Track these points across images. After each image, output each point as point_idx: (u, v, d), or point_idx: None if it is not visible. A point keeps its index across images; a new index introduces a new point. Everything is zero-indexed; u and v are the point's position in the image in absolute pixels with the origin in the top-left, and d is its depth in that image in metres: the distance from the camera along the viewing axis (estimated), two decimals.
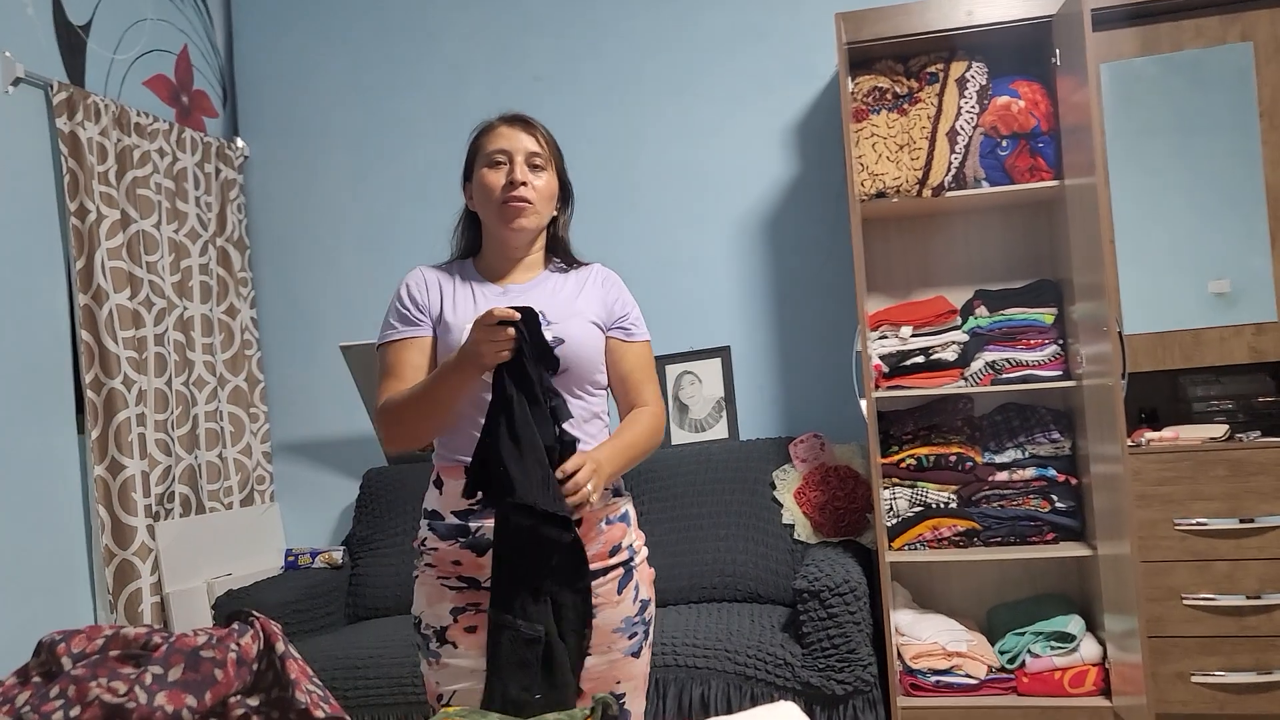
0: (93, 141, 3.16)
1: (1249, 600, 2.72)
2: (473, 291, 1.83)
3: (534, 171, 1.82)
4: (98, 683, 1.00)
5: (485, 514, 1.70)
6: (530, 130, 1.84)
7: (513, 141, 1.82)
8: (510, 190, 1.79)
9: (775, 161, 3.52)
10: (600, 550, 1.76)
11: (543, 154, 1.83)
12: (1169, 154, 2.91)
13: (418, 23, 3.86)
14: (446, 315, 1.80)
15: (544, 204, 1.84)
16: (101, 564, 3.10)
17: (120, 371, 3.13)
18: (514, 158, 1.81)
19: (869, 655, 2.64)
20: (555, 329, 1.74)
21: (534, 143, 1.83)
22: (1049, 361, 2.96)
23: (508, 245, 1.86)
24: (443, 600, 1.76)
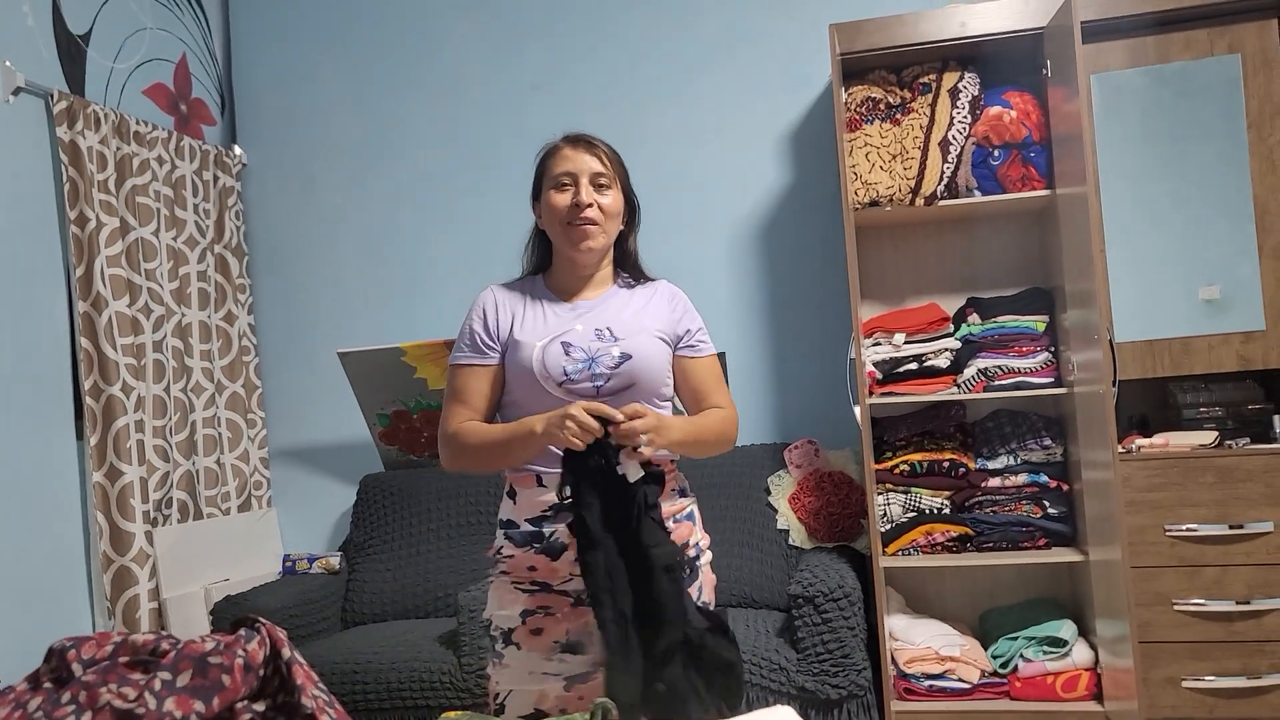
0: (92, 150, 3.18)
1: (1238, 606, 2.75)
2: (543, 309, 1.89)
3: (599, 191, 1.87)
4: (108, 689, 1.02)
5: (559, 518, 1.77)
6: (593, 150, 1.88)
7: (577, 163, 1.87)
8: (576, 212, 1.84)
9: (770, 169, 3.55)
10: None
11: (607, 173, 1.88)
12: (1158, 164, 2.95)
13: (415, 31, 3.88)
14: (516, 334, 1.85)
15: (610, 223, 1.89)
16: (100, 570, 3.12)
17: (119, 378, 3.15)
18: (579, 179, 1.86)
19: (863, 660, 2.66)
20: (622, 344, 1.82)
21: (598, 163, 1.87)
22: (1041, 368, 2.99)
23: (576, 264, 1.91)
24: (515, 603, 1.82)
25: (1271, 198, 2.86)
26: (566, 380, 1.79)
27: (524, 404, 1.83)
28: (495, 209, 3.76)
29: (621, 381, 1.81)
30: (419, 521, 3.51)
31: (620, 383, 1.81)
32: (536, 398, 1.80)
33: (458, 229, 3.82)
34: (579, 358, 1.81)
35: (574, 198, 1.85)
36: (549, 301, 1.91)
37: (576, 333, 1.84)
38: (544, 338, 1.83)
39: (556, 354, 1.81)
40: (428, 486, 3.56)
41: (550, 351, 1.81)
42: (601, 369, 1.80)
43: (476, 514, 3.45)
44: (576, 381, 1.79)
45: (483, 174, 3.80)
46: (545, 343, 1.82)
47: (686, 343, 1.94)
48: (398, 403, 3.61)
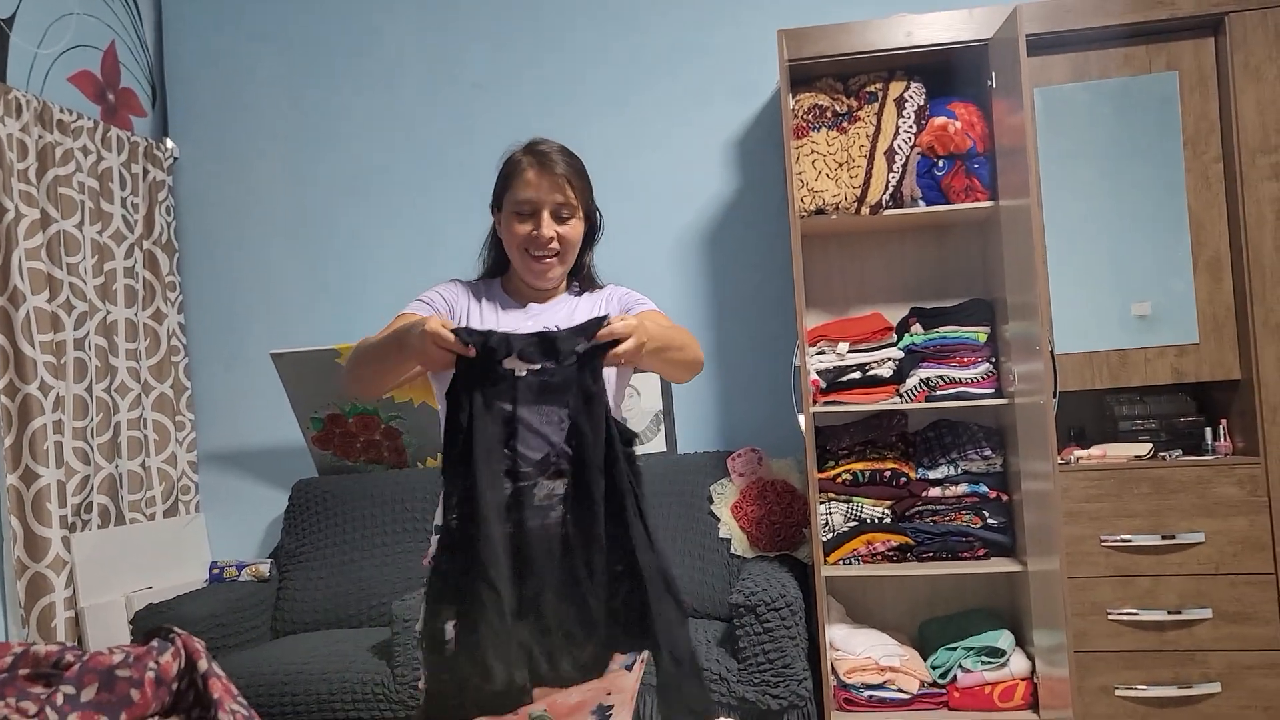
0: (12, 138, 3.05)
1: (1170, 615, 2.78)
2: (497, 312, 1.87)
3: (560, 223, 1.83)
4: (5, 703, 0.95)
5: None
6: (556, 179, 1.82)
7: (539, 193, 1.81)
8: (536, 244, 1.81)
9: (716, 176, 3.53)
10: None
11: (570, 203, 1.83)
12: (1097, 178, 2.98)
13: (354, 25, 3.80)
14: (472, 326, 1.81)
15: (570, 252, 1.86)
16: (13, 577, 2.98)
17: (37, 376, 3.01)
18: (540, 211, 1.81)
19: (804, 670, 2.64)
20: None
21: (560, 193, 1.82)
22: (982, 379, 3.00)
23: (533, 284, 1.89)
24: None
25: (1206, 213, 2.91)
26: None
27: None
28: (435, 208, 3.69)
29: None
30: (353, 528, 3.42)
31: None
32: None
33: (396, 228, 3.74)
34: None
35: (534, 229, 1.81)
36: (503, 301, 1.90)
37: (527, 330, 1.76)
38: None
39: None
40: (362, 492, 3.48)
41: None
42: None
43: (412, 521, 3.38)
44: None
45: (422, 172, 3.73)
46: None
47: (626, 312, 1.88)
48: (332, 406, 3.51)
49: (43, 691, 0.97)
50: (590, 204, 1.90)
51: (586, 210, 1.88)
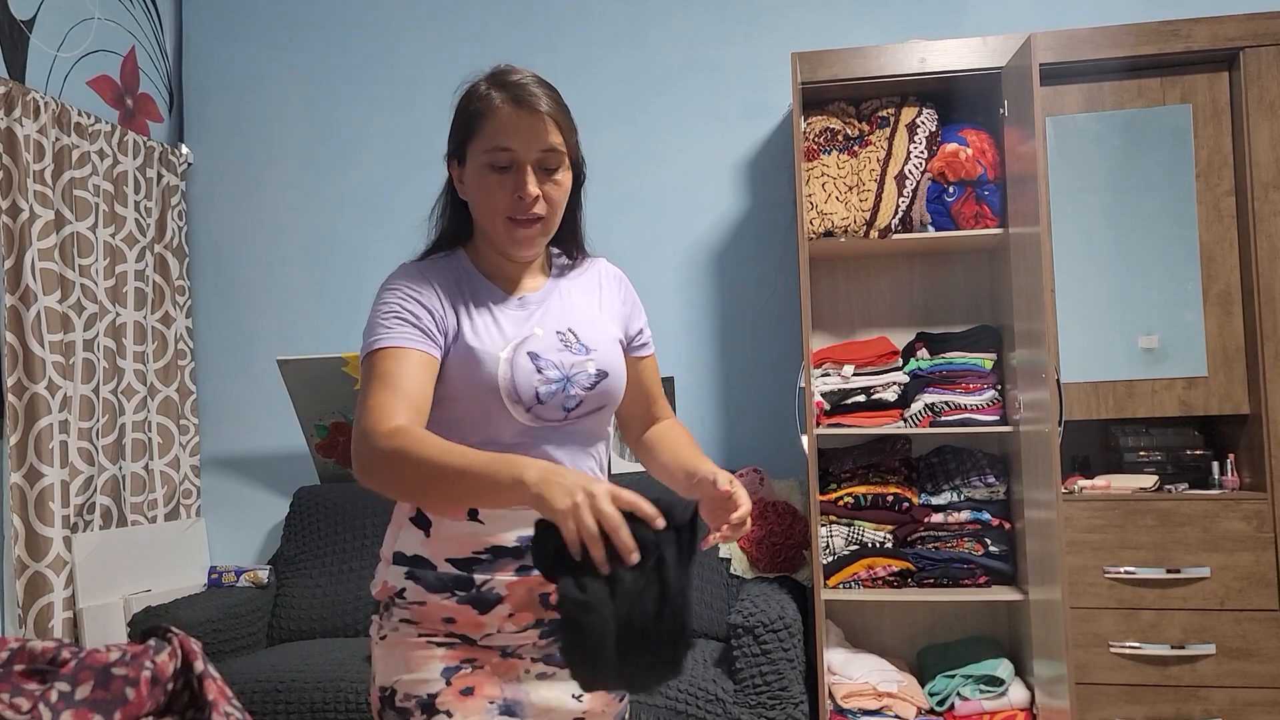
0: (29, 139, 3.07)
1: (1173, 650, 2.76)
2: (491, 310, 1.47)
3: (547, 175, 1.43)
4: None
5: (497, 565, 1.39)
6: (539, 120, 1.40)
7: (521, 138, 1.40)
8: (520, 208, 1.41)
9: (725, 196, 3.54)
10: None
11: (561, 146, 1.42)
12: (1107, 208, 2.98)
13: (370, 37, 3.83)
14: (467, 338, 1.42)
15: (557, 216, 1.46)
16: (13, 575, 2.98)
17: (45, 376, 3.02)
18: (520, 160, 1.41)
19: (801, 693, 2.63)
20: (595, 356, 1.48)
21: (547, 135, 1.40)
22: (987, 406, 2.99)
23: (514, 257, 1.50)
24: (430, 661, 1.40)
25: (1217, 246, 2.91)
26: (537, 404, 1.42)
27: (474, 428, 1.42)
28: None
29: (592, 405, 1.48)
30: (353, 537, 3.42)
31: (591, 406, 1.48)
32: (494, 423, 1.41)
33: (404, 239, 3.72)
34: (553, 376, 1.44)
35: (516, 189, 1.40)
36: (489, 292, 1.49)
37: (538, 338, 1.46)
38: (504, 346, 1.43)
39: (527, 371, 1.42)
40: (364, 502, 3.47)
41: (519, 367, 1.41)
42: (576, 390, 1.46)
43: None
44: (546, 405, 1.43)
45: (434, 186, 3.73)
46: (510, 354, 1.42)
47: (639, 341, 1.63)
48: (337, 414, 3.52)
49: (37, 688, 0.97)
50: (577, 148, 1.49)
51: (573, 157, 1.47)
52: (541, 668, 1.45)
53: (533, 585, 1.41)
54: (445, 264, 1.52)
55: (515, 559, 1.40)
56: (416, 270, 1.50)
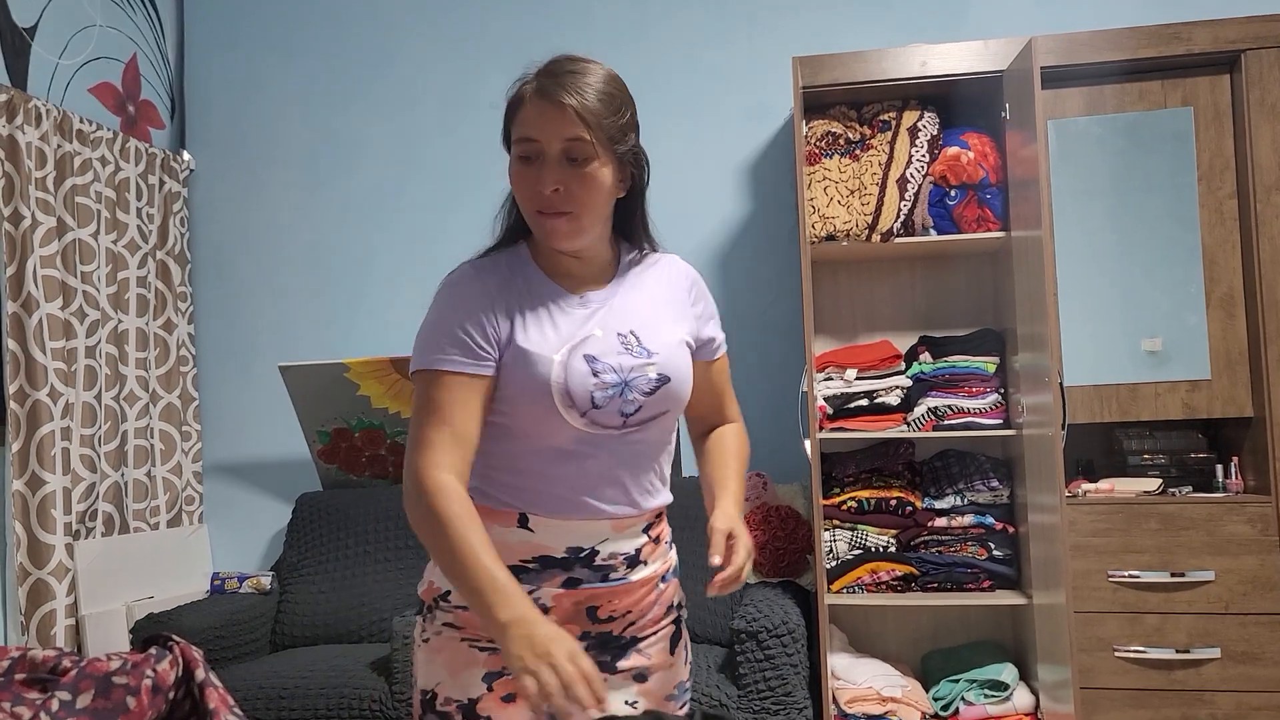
0: (31, 146, 3.07)
1: (1178, 654, 2.75)
2: (549, 310, 1.41)
3: (573, 166, 1.36)
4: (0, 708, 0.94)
5: (544, 576, 1.39)
6: (563, 107, 1.35)
7: (541, 127, 1.36)
8: (540, 200, 1.37)
9: (726, 200, 3.54)
10: (657, 613, 1.50)
11: (587, 136, 1.35)
12: (1109, 211, 2.98)
13: (372, 43, 3.83)
14: (520, 339, 1.38)
15: (591, 209, 1.39)
16: (15, 583, 2.98)
17: (47, 383, 3.02)
18: (544, 151, 1.36)
19: (804, 698, 2.62)
20: (658, 360, 1.42)
21: (570, 125, 1.35)
22: (990, 410, 2.99)
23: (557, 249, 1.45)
24: (473, 665, 1.39)
25: (1220, 249, 2.90)
26: (592, 409, 1.37)
27: (529, 434, 1.39)
28: (448, 227, 3.70)
29: (652, 410, 1.42)
30: (356, 543, 3.42)
31: (651, 412, 1.42)
32: (549, 428, 1.37)
33: (407, 245, 3.76)
34: (610, 380, 1.38)
35: (538, 182, 1.36)
36: (548, 290, 1.43)
37: (596, 340, 1.40)
38: (559, 347, 1.38)
39: (582, 373, 1.37)
40: (366, 507, 3.47)
41: (574, 369, 1.36)
42: (634, 395, 1.39)
43: (415, 537, 3.37)
44: (603, 410, 1.38)
45: (436, 191, 3.74)
46: (564, 355, 1.37)
47: (713, 345, 1.57)
48: (339, 420, 3.51)
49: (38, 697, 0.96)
50: (624, 142, 1.41)
51: (619, 151, 1.40)
52: None
53: (580, 599, 1.41)
54: (505, 261, 1.47)
55: (563, 570, 1.39)
56: (473, 272, 1.45)
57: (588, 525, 1.40)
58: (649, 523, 1.48)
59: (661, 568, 1.51)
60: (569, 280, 1.46)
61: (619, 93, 1.43)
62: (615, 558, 1.43)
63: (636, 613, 1.47)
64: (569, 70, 1.39)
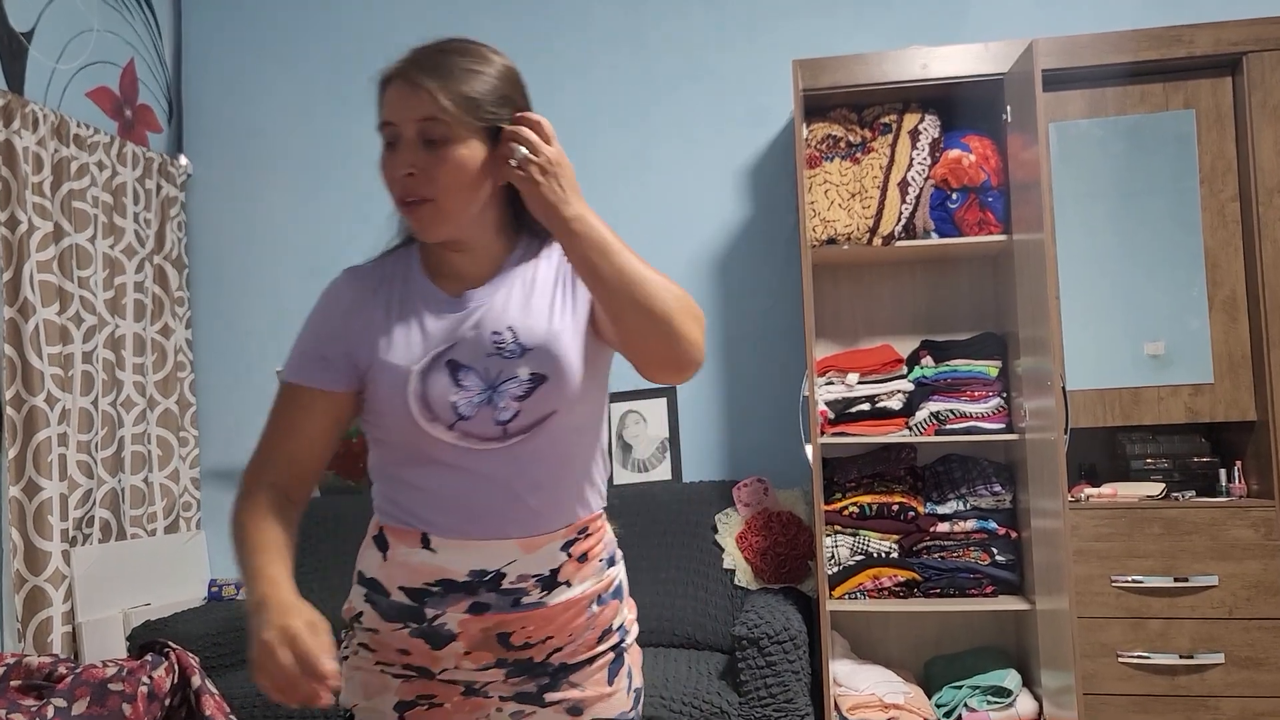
0: (28, 151, 3.06)
1: (1181, 660, 2.73)
2: (420, 315, 1.32)
3: (430, 149, 1.25)
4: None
5: (448, 600, 1.30)
6: (415, 88, 1.24)
7: (397, 109, 1.26)
8: (397, 188, 1.28)
9: (727, 203, 3.53)
10: (589, 638, 1.38)
11: (444, 116, 1.23)
12: (1111, 214, 2.97)
13: (369, 48, 3.81)
14: (380, 352, 1.30)
15: (452, 195, 1.26)
16: (11, 590, 2.95)
17: (44, 389, 3.00)
18: (401, 133, 1.26)
19: (806, 705, 2.60)
20: (532, 356, 1.29)
21: (423, 104, 1.24)
22: (992, 414, 2.97)
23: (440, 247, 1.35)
24: (385, 692, 1.34)
25: (1222, 252, 2.89)
26: (460, 421, 1.27)
27: (404, 449, 1.31)
28: None
29: (535, 415, 1.29)
30: (353, 550, 3.36)
31: (533, 417, 1.29)
32: (421, 443, 1.28)
33: None
34: (474, 386, 1.27)
35: (393, 167, 1.27)
36: (425, 293, 1.34)
37: (466, 344, 1.29)
38: (422, 356, 1.28)
39: (443, 384, 1.27)
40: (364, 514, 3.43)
41: (433, 381, 1.27)
42: (506, 401, 1.27)
43: None
44: (473, 420, 1.27)
45: None
46: (425, 365, 1.28)
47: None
48: None
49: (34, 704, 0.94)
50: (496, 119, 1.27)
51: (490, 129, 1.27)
52: (515, 706, 1.36)
53: (488, 625, 1.31)
54: (393, 264, 1.40)
55: (467, 594, 1.30)
56: (344, 280, 1.39)
57: (491, 546, 1.29)
58: (569, 540, 1.34)
59: (594, 589, 1.37)
60: (453, 281, 1.35)
61: (491, 68, 1.30)
62: (526, 580, 1.31)
63: (561, 638, 1.34)
64: (433, 50, 1.30)
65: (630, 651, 1.46)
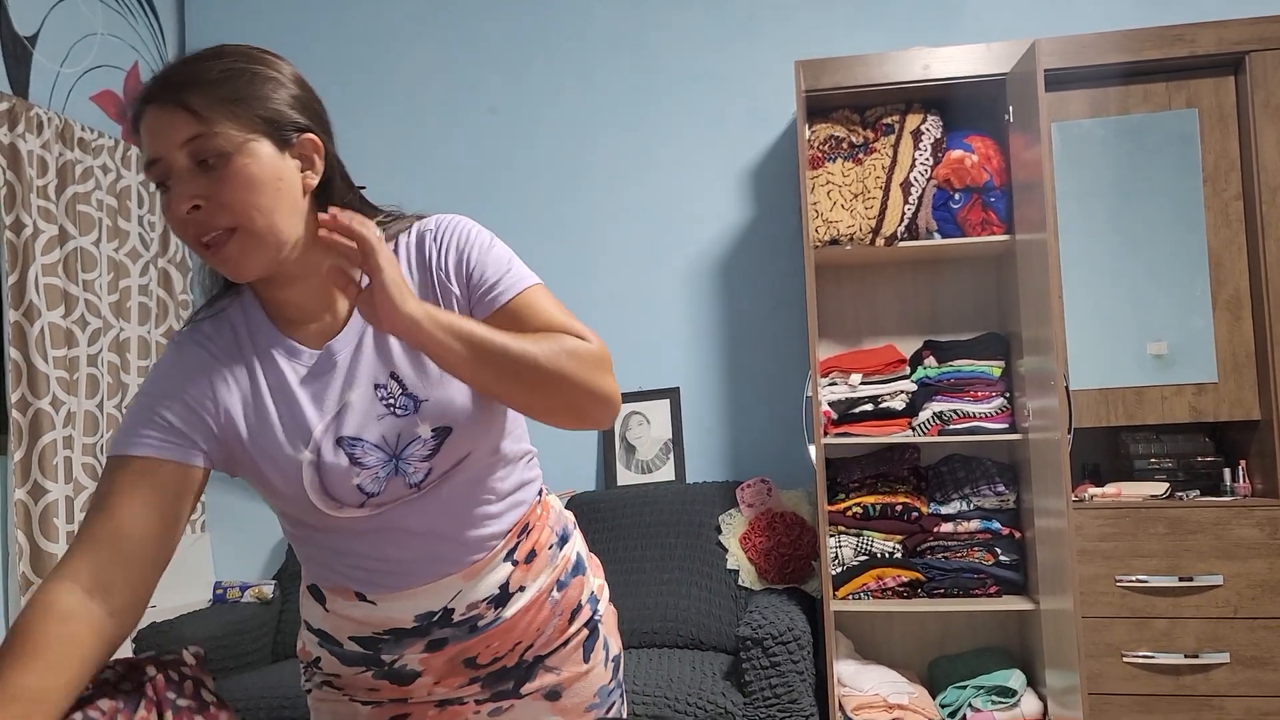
0: (33, 154, 3.07)
1: (1186, 659, 2.73)
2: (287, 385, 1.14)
3: (207, 172, 1.05)
4: None
5: (403, 644, 1.24)
6: (168, 108, 1.05)
7: (157, 142, 1.06)
8: (192, 232, 1.07)
9: (730, 204, 3.53)
10: (559, 624, 1.32)
11: (213, 128, 1.05)
12: (1114, 214, 2.96)
13: (372, 52, 3.82)
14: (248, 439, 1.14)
15: (258, 213, 1.07)
16: (18, 591, 2.96)
17: (49, 392, 3.01)
18: (171, 165, 1.06)
19: (810, 705, 2.60)
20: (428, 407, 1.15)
21: (181, 125, 1.05)
22: (996, 414, 2.97)
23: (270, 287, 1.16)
24: (355, 718, 1.30)
25: (1226, 251, 2.88)
26: (370, 499, 1.15)
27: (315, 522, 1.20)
28: None
29: (447, 463, 1.17)
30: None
31: (445, 466, 1.17)
32: (330, 522, 1.18)
33: None
34: (375, 462, 1.13)
35: (174, 206, 1.06)
36: (282, 353, 1.15)
37: (352, 411, 1.14)
38: (308, 443, 1.12)
39: (340, 470, 1.13)
40: None
41: (329, 467, 1.12)
42: (414, 465, 1.15)
43: None
44: (382, 494, 1.16)
45: (438, 196, 3.73)
46: (313, 452, 1.12)
47: (490, 293, 1.17)
48: None
49: None
50: (274, 116, 1.11)
51: (271, 129, 1.10)
52: (492, 704, 1.32)
53: (451, 655, 1.26)
54: (234, 317, 1.18)
55: (420, 637, 1.23)
56: (186, 345, 1.16)
57: (429, 589, 1.20)
58: (511, 547, 1.26)
59: (549, 579, 1.30)
60: (300, 329, 1.16)
61: (248, 64, 1.12)
62: (477, 606, 1.23)
63: (529, 638, 1.30)
64: (178, 64, 1.09)
65: (604, 620, 1.39)
